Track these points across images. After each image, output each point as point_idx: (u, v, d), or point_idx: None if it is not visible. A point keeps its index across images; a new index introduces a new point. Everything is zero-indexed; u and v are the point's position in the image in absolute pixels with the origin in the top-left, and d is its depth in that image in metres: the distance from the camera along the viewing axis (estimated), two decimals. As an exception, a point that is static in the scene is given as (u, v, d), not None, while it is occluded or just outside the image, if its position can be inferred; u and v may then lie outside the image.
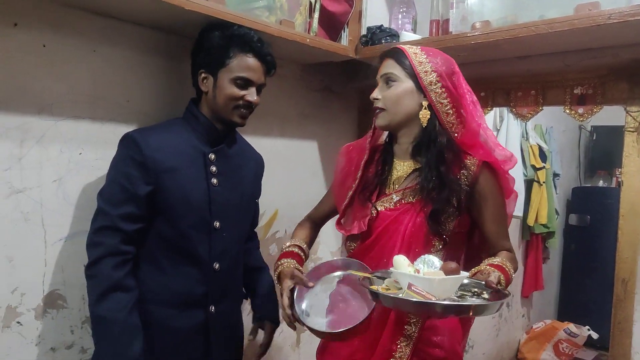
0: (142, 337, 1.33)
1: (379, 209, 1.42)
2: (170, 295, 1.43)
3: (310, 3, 1.85)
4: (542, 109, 1.90)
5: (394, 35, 1.97)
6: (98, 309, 1.30)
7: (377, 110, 1.40)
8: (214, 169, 1.46)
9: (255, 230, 1.79)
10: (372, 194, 1.45)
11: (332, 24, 1.99)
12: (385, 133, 1.50)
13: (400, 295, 1.13)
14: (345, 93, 2.39)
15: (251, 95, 1.46)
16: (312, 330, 1.34)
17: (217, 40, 1.44)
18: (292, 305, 1.40)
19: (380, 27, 1.98)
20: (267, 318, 1.65)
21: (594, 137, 5.06)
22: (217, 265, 1.47)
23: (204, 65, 1.46)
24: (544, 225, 4.15)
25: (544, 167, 4.02)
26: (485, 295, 1.19)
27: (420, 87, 1.35)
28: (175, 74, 1.69)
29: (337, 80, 2.33)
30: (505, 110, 3.62)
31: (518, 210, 3.72)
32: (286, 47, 1.77)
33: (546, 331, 4.27)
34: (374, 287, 1.21)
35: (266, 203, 1.95)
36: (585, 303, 4.68)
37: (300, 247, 1.53)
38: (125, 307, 1.31)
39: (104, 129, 1.52)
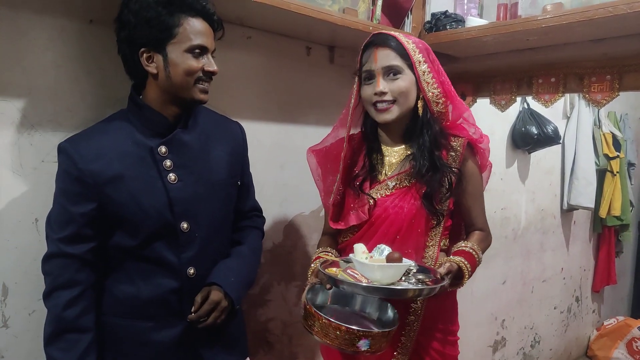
0: None
1: (375, 197, 1.44)
2: (144, 307, 1.27)
3: (374, -10, 1.83)
4: (618, 95, 1.80)
5: (460, 20, 1.91)
6: (49, 350, 1.19)
7: (386, 105, 1.38)
8: (168, 163, 1.25)
9: (256, 206, 1.56)
10: (363, 183, 1.46)
11: (395, 11, 1.97)
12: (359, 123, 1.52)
13: (339, 276, 1.24)
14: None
15: (210, 64, 1.24)
16: (319, 319, 1.25)
17: (154, 8, 1.17)
18: (312, 298, 1.37)
19: (445, 13, 1.93)
20: (215, 283, 1.33)
21: (675, 125, 4.75)
22: (192, 270, 1.29)
23: (145, 42, 1.20)
24: (618, 218, 3.96)
25: (617, 156, 3.82)
26: (428, 282, 1.26)
27: (416, 78, 1.39)
28: (243, 63, 1.72)
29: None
30: (576, 96, 3.47)
31: (589, 202, 3.57)
32: (348, 35, 1.76)
33: (619, 328, 4.08)
34: (331, 271, 1.28)
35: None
36: (662, 300, 4.44)
37: (328, 252, 1.50)
38: (78, 350, 1.19)
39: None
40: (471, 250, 1.40)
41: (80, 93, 1.39)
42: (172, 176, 1.25)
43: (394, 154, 1.47)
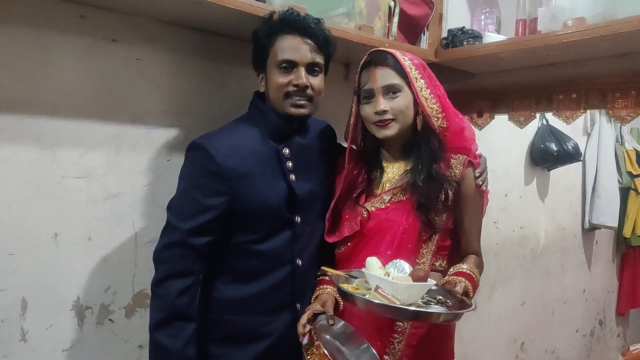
0: None
1: (370, 210, 1.43)
2: (256, 302, 1.36)
3: (390, 7, 1.83)
4: (644, 111, 1.77)
5: (477, 36, 1.90)
6: (157, 335, 1.24)
7: (387, 122, 1.39)
8: (290, 164, 1.37)
9: None
10: (359, 196, 1.46)
11: (411, 28, 1.96)
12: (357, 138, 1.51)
13: (367, 296, 1.18)
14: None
15: (298, 77, 1.30)
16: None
17: (259, 34, 1.34)
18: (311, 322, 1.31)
19: (462, 29, 1.92)
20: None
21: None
22: (300, 261, 1.39)
23: (256, 65, 1.39)
24: (643, 238, 3.86)
25: (642, 174, 3.75)
26: (449, 303, 1.23)
27: (413, 94, 1.39)
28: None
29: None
30: (597, 112, 3.42)
31: (612, 221, 3.50)
32: (364, 52, 1.75)
33: (645, 353, 3.96)
34: (344, 286, 1.25)
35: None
36: (690, 323, 4.30)
37: (326, 273, 1.43)
38: (184, 337, 1.24)
39: (190, 137, 1.56)
40: (471, 273, 1.36)
41: (102, 110, 1.41)
42: (292, 176, 1.37)
43: (393, 170, 1.48)
